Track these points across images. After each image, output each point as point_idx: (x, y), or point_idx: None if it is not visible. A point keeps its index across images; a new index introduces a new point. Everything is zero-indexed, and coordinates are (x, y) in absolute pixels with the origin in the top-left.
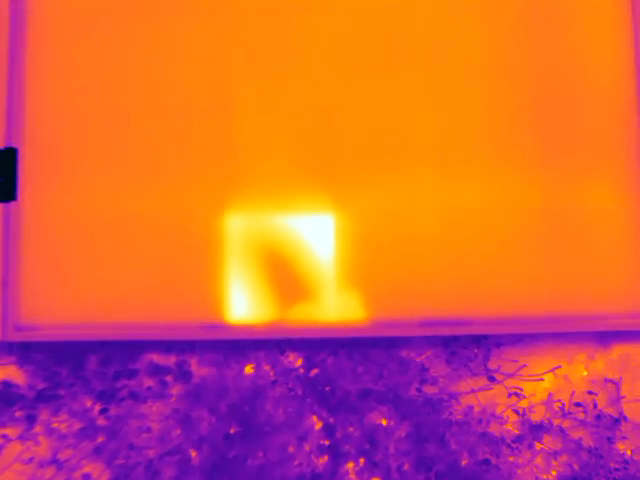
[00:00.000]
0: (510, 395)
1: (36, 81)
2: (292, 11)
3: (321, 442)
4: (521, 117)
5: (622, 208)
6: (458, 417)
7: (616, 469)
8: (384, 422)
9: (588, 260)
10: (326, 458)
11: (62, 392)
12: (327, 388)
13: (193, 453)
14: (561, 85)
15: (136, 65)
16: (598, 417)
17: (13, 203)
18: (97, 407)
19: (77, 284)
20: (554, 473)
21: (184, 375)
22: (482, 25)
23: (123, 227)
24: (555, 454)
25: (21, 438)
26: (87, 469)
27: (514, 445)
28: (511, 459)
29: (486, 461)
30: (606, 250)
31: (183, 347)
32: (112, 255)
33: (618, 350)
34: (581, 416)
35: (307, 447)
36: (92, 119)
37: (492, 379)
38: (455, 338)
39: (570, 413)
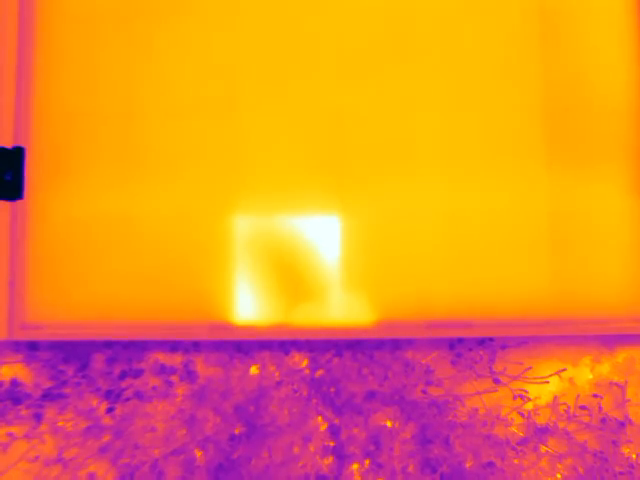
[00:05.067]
0: (515, 397)
1: (44, 80)
2: (300, 11)
3: (326, 443)
4: (526, 120)
5: (627, 212)
6: (463, 419)
7: (621, 473)
8: (389, 424)
9: (593, 263)
10: (331, 459)
11: (68, 391)
12: (332, 389)
13: (198, 453)
14: (566, 88)
15: (143, 65)
16: (603, 420)
17: (19, 202)
18: (103, 406)
19: (83, 283)
20: (559, 476)
21: (189, 375)
22: (487, 30)
23: (129, 226)
24: (560, 457)
25: (27, 436)
26: (92, 468)
27: (519, 448)
28: (516, 462)
29: (491, 463)
30: (611, 253)
31: (189, 347)
32: (118, 254)
33: (624, 353)
34: (586, 419)
35: (312, 448)
36: (99, 119)
37: (497, 381)
38: (460, 340)
39: (575, 416)
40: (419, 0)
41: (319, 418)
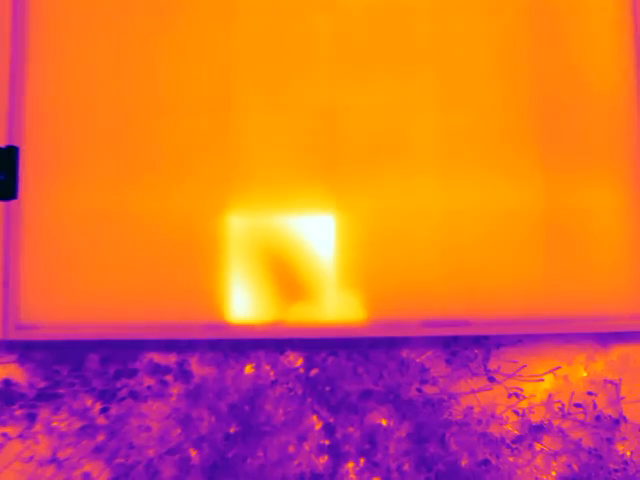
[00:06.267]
0: (510, 396)
1: (37, 79)
2: (295, 10)
3: (321, 442)
4: (522, 120)
5: (622, 210)
6: (458, 417)
7: (615, 470)
8: (384, 422)
9: (588, 261)
10: (326, 458)
11: (62, 391)
12: (327, 388)
13: (193, 452)
14: (563, 88)
15: (137, 64)
16: (598, 418)
17: (14, 202)
18: (97, 406)
19: (78, 283)
20: (554, 474)
21: (184, 374)
22: (483, 29)
23: (124, 226)
24: (555, 455)
25: (21, 437)
26: (87, 468)
27: (514, 445)
28: (511, 459)
29: (486, 461)
30: (606, 251)
31: (183, 346)
32: (113, 254)
33: (618, 351)
34: (581, 417)
35: (307, 447)
36: (93, 118)
37: (492, 380)
38: (455, 339)
39: (570, 414)
40: (413, 0)
41: (314, 417)
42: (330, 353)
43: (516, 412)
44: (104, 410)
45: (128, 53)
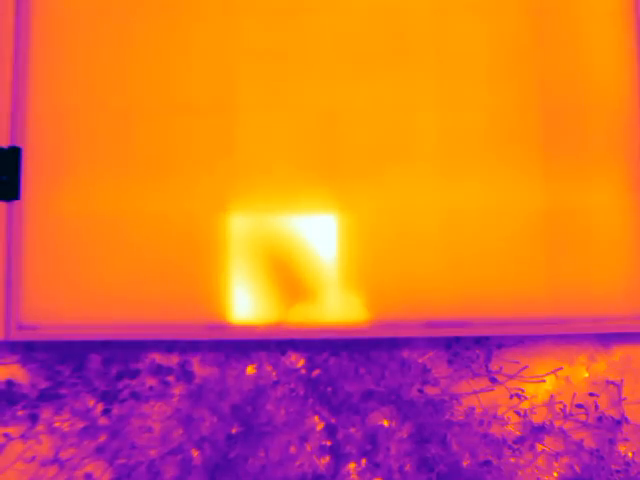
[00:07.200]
0: (512, 396)
1: (40, 80)
2: (296, 10)
3: (323, 442)
4: (523, 119)
5: (624, 211)
6: (460, 418)
7: (617, 471)
8: (386, 423)
9: (590, 262)
10: (328, 459)
11: (64, 391)
12: (329, 389)
13: (195, 453)
14: (563, 88)
15: (139, 65)
16: (599, 419)
17: (16, 202)
18: (99, 406)
19: (80, 284)
20: (555, 474)
21: (186, 375)
22: (484, 29)
23: (126, 227)
24: (556, 455)
25: (23, 437)
26: (89, 468)
27: (515, 446)
28: (512, 460)
29: (487, 462)
30: (607, 252)
31: (185, 347)
32: (115, 255)
33: (619, 352)
34: (582, 418)
35: (309, 447)
36: (95, 119)
37: (494, 380)
38: (457, 339)
39: (571, 414)
40: (415, 0)
41: (316, 417)
42: (332, 354)
43: (518, 413)
44: (106, 410)
45: (130, 55)
